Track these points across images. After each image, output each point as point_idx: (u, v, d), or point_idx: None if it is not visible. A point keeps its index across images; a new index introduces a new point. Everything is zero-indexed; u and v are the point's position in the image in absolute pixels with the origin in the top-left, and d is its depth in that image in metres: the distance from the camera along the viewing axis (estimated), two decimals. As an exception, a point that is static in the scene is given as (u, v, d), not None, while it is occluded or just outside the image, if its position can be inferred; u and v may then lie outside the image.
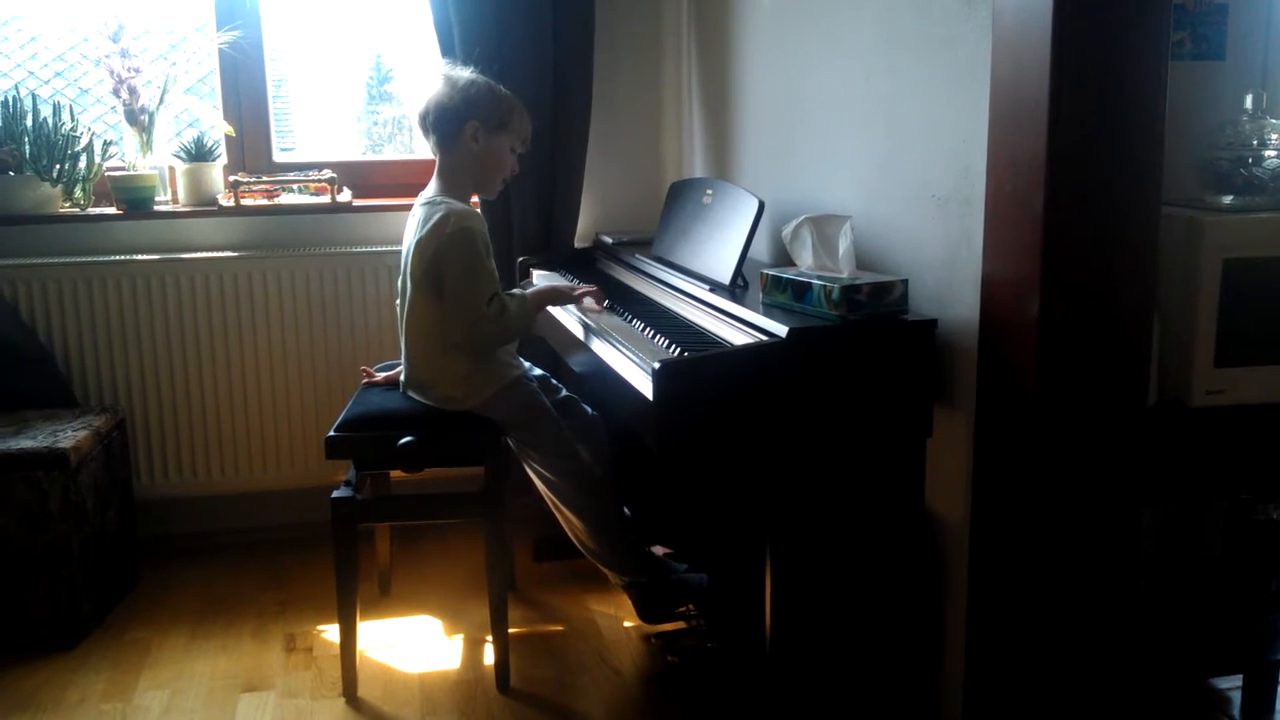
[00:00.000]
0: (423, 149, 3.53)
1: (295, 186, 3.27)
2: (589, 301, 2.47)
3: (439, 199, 2.43)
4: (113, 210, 3.16)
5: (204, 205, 3.21)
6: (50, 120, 3.10)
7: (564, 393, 2.71)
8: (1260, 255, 1.82)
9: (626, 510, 2.66)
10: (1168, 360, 1.84)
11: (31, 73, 3.53)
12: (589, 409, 2.71)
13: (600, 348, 2.23)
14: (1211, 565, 2.22)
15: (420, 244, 2.38)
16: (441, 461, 2.46)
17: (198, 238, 3.21)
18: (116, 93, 3.15)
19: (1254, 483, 1.93)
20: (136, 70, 3.15)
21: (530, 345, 2.81)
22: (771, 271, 2.08)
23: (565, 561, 3.02)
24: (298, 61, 3.69)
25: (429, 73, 2.57)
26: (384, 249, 3.19)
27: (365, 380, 2.72)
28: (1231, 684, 2.32)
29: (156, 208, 3.20)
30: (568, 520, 2.53)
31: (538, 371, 2.69)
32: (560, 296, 2.53)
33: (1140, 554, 1.92)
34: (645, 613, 2.57)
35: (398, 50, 3.85)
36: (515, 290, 2.53)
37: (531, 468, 2.54)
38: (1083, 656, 1.82)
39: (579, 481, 2.50)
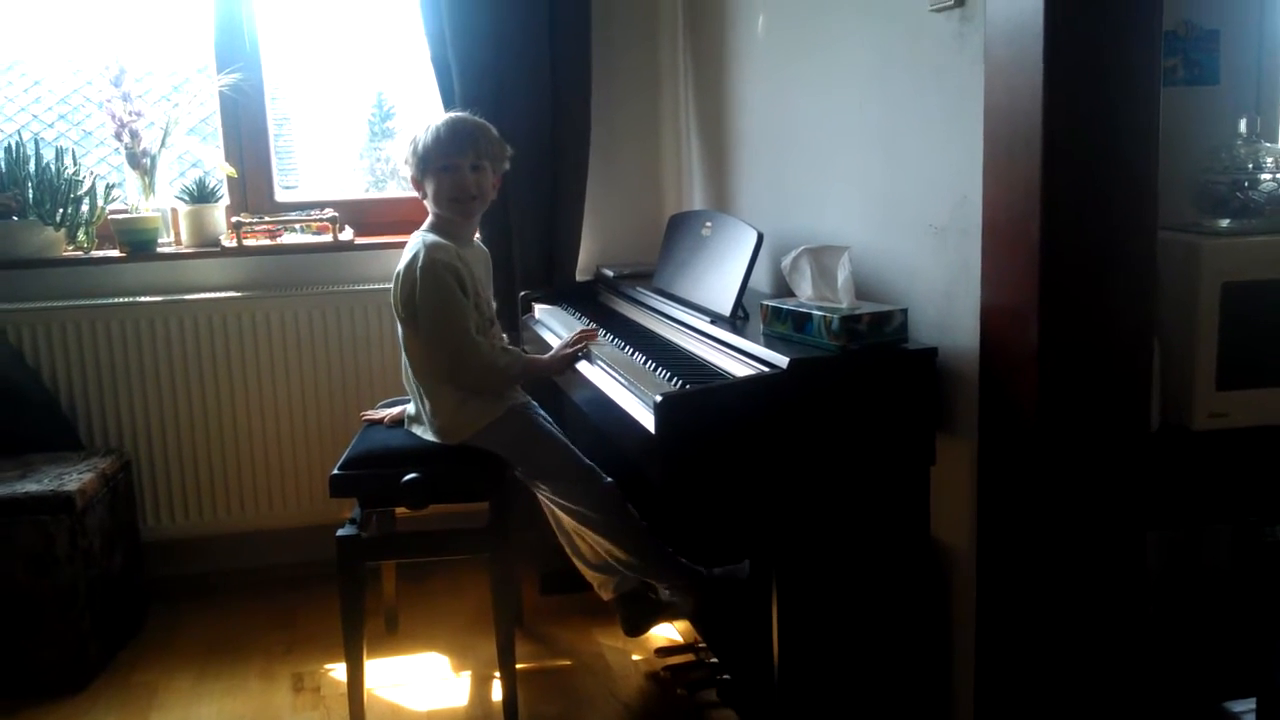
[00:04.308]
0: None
1: (297, 226, 3.29)
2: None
3: (418, 234, 2.50)
4: (116, 253, 3.18)
5: (207, 246, 3.23)
6: (53, 164, 3.13)
7: None
8: (1259, 278, 1.82)
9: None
10: (1169, 384, 1.84)
11: (35, 116, 3.56)
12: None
13: (602, 380, 2.23)
14: (1221, 588, 2.21)
15: (397, 278, 2.45)
16: (446, 497, 2.46)
17: (201, 279, 3.22)
18: (119, 136, 3.17)
19: (1259, 505, 1.93)
20: (138, 114, 3.17)
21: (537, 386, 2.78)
22: (771, 303, 2.08)
23: (573, 595, 3.01)
24: (300, 100, 3.72)
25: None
26: (387, 286, 3.14)
27: (366, 420, 2.73)
28: (1245, 707, 2.30)
29: (159, 249, 3.21)
30: (596, 541, 2.48)
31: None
32: (563, 364, 2.47)
33: (1148, 578, 1.91)
34: (698, 612, 2.51)
35: (399, 87, 3.88)
36: (514, 349, 2.55)
37: (545, 498, 2.50)
38: (1094, 682, 1.81)
39: (599, 500, 2.44)
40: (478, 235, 2.66)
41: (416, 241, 2.45)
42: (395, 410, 2.69)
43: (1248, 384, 1.84)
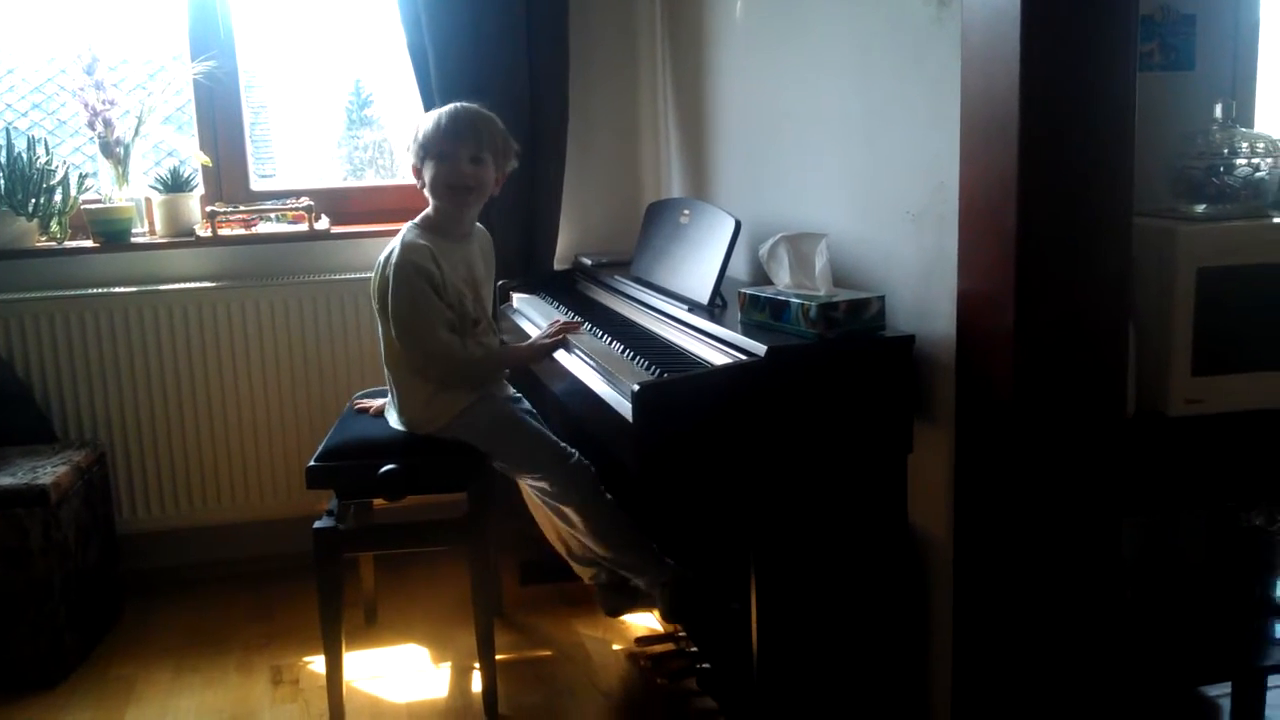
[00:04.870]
0: (402, 174, 3.54)
1: (273, 215, 3.26)
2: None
3: (406, 227, 2.48)
4: (89, 243, 3.15)
5: (181, 236, 3.20)
6: (25, 154, 3.09)
7: None
8: (1234, 263, 1.83)
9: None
10: (1145, 371, 1.85)
11: (9, 105, 3.51)
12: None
13: (580, 370, 2.22)
14: (1197, 573, 2.22)
15: (378, 269, 2.45)
16: (424, 488, 2.45)
17: (175, 269, 3.19)
18: (92, 125, 3.14)
19: (1234, 490, 1.94)
20: (111, 103, 3.14)
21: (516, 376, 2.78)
22: (749, 291, 2.08)
23: (552, 585, 3.00)
24: (277, 88, 3.68)
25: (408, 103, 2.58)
26: (364, 276, 3.16)
27: (356, 408, 2.73)
28: (1221, 691, 2.32)
29: (133, 240, 3.18)
30: (576, 534, 2.48)
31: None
32: (541, 353, 2.45)
33: (1124, 563, 1.92)
34: (672, 611, 2.46)
35: (377, 75, 3.84)
36: (487, 341, 2.53)
37: (527, 485, 2.51)
38: (1071, 667, 1.82)
39: (578, 485, 2.43)
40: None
41: (399, 237, 2.44)
42: (379, 401, 2.68)
43: (1223, 369, 1.84)
